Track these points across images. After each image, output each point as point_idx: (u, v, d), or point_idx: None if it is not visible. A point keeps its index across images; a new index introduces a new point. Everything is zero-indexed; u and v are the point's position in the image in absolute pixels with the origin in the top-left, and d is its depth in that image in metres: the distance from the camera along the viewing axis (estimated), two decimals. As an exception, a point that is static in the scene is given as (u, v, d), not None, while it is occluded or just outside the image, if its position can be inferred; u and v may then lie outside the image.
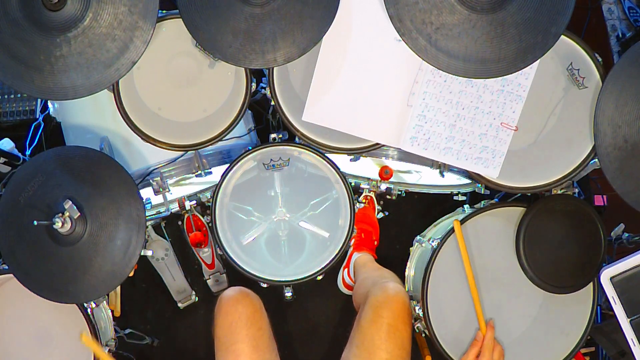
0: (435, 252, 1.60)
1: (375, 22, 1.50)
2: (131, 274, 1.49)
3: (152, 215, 1.88)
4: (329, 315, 2.18)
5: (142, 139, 1.58)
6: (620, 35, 2.28)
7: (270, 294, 1.60)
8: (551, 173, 1.56)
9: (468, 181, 1.76)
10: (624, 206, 1.46)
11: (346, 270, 2.03)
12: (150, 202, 1.73)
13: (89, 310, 1.57)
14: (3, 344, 1.60)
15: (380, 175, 1.79)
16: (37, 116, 2.10)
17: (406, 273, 1.82)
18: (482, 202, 1.71)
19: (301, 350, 2.17)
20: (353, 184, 1.92)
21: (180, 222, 2.07)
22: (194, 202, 1.88)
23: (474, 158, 1.53)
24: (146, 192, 1.69)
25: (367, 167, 1.85)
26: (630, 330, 1.46)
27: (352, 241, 2.01)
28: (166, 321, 2.18)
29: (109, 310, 1.71)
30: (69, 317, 1.57)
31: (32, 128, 2.07)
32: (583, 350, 1.78)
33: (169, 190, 1.70)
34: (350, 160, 1.66)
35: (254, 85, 1.60)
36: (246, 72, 1.58)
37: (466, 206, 1.76)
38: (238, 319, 1.56)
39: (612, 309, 1.48)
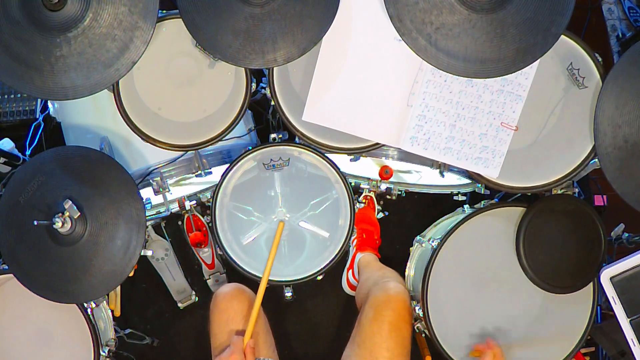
0: (435, 252, 1.60)
1: (375, 22, 1.50)
2: (131, 274, 1.49)
3: (152, 215, 1.88)
4: (329, 315, 2.18)
5: (142, 139, 1.58)
6: (620, 35, 2.28)
7: (270, 294, 1.60)
8: (551, 173, 1.56)
9: (468, 181, 1.76)
10: (624, 206, 1.46)
11: (350, 271, 2.03)
12: (150, 202, 1.73)
13: (89, 310, 1.57)
14: (3, 344, 1.60)
15: (380, 175, 1.79)
16: (37, 116, 2.10)
17: (406, 273, 1.82)
18: (482, 202, 1.71)
19: (301, 350, 2.16)
20: (353, 184, 1.91)
21: (180, 222, 2.07)
22: (194, 202, 1.88)
23: (474, 158, 1.53)
24: (146, 192, 1.69)
25: (367, 167, 1.85)
26: (630, 330, 1.46)
27: (355, 242, 2.01)
28: (166, 321, 2.18)
29: (109, 310, 1.71)
30: (69, 317, 1.57)
31: (32, 128, 2.06)
32: (583, 350, 1.78)
33: (169, 190, 1.70)
34: (350, 160, 1.66)
35: (254, 85, 1.60)
36: (246, 72, 1.58)
37: (466, 206, 1.76)
38: (234, 315, 1.55)
39: (612, 309, 1.48)
